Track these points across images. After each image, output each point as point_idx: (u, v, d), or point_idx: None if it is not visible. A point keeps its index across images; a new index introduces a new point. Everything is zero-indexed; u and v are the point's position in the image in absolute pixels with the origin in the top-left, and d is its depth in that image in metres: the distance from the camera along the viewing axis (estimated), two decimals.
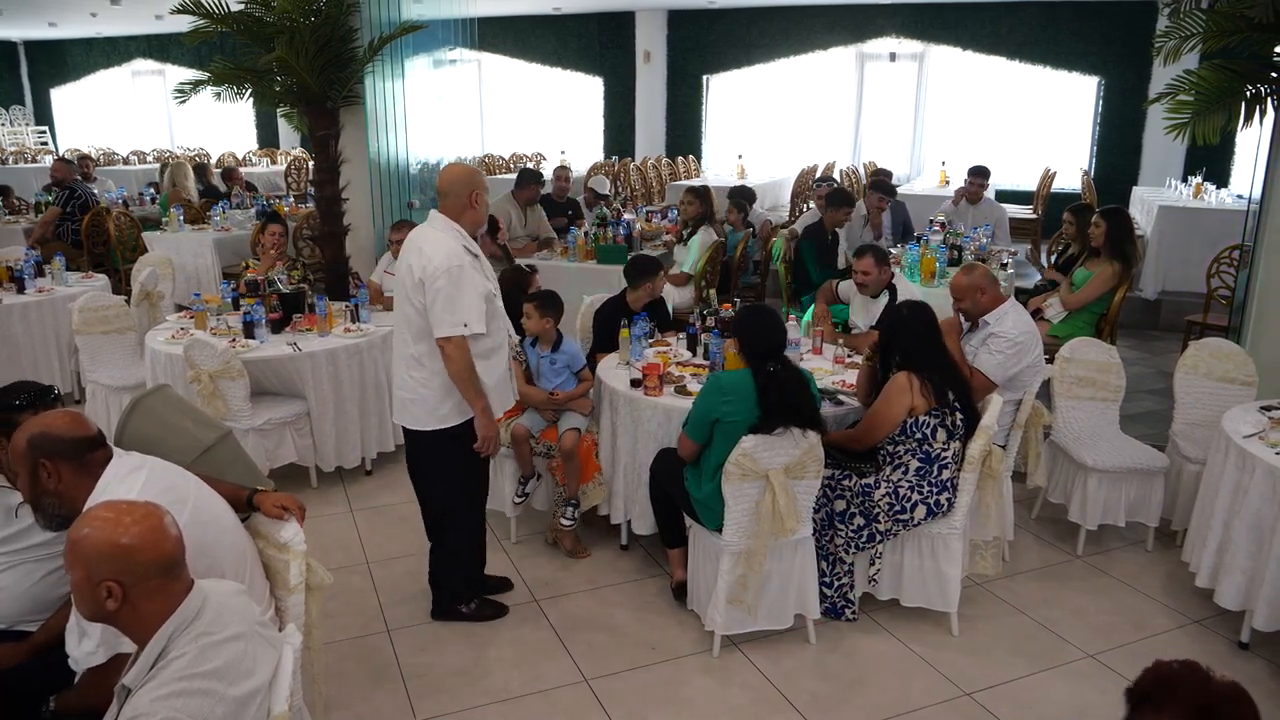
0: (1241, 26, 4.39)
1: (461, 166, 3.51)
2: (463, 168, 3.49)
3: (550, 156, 15.15)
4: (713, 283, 6.66)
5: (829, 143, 14.85)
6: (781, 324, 3.52)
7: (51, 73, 20.10)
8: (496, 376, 3.40)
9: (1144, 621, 3.73)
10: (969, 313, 4.15)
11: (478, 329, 3.23)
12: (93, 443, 2.29)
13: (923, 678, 3.35)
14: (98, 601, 1.76)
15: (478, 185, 3.36)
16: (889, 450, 3.61)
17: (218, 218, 8.51)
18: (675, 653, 3.48)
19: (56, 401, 2.71)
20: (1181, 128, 4.58)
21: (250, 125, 18.85)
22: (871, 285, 4.99)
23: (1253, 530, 3.35)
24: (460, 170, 3.43)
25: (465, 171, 3.42)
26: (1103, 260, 5.51)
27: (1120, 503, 4.21)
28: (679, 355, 4.61)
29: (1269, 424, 3.61)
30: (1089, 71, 12.87)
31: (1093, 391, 4.44)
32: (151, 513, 1.84)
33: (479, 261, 3.32)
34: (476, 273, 3.27)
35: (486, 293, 3.30)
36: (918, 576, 3.63)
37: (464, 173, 3.40)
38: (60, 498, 2.24)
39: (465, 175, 3.38)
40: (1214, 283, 6.56)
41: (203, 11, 5.66)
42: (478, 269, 3.29)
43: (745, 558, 3.33)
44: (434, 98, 7.56)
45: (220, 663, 1.75)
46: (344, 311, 5.21)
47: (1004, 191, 11.51)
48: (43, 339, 5.97)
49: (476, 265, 3.29)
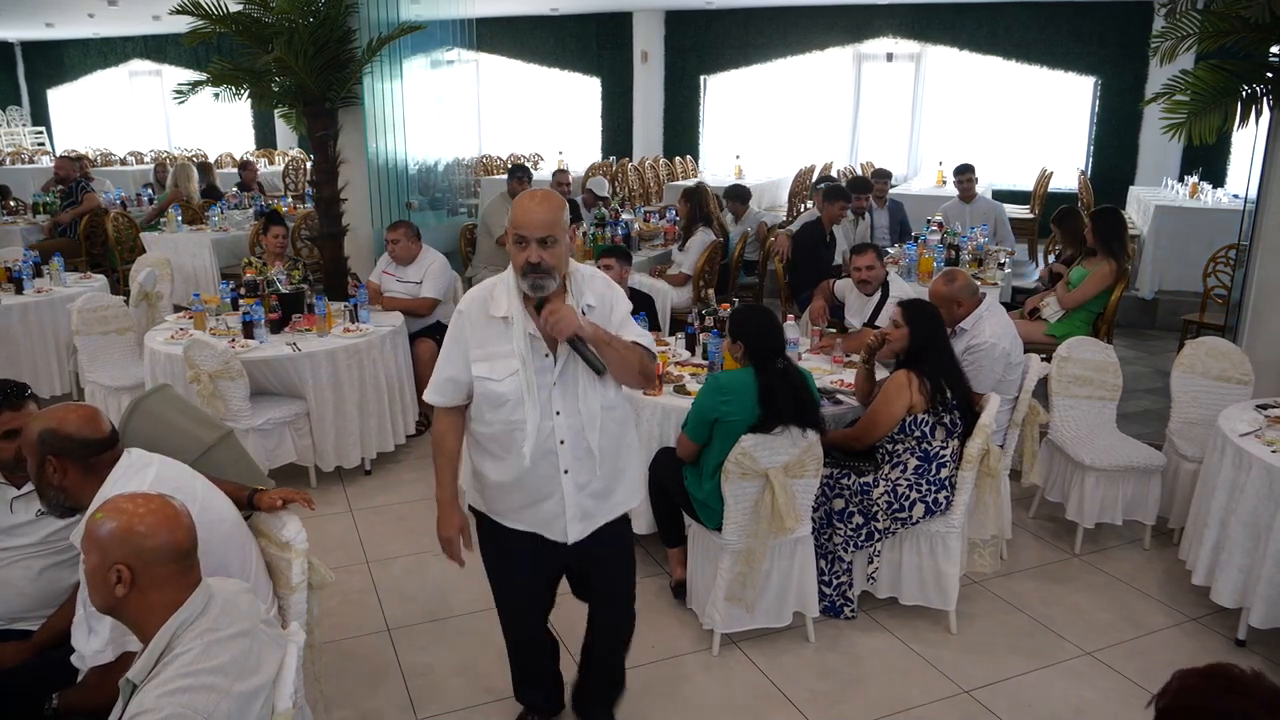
0: (1237, 27, 4.41)
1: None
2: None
3: (548, 157, 15.15)
4: (711, 283, 6.68)
5: (826, 143, 14.86)
6: (780, 323, 3.53)
7: (48, 73, 20.07)
8: (505, 475, 2.53)
9: (1141, 619, 3.74)
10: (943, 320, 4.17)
11: (433, 399, 2.57)
12: (102, 444, 2.30)
13: (921, 675, 3.37)
14: (109, 587, 1.79)
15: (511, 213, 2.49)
16: (887, 449, 3.63)
17: (216, 218, 8.52)
18: (675, 651, 3.49)
19: (30, 399, 2.70)
20: (1178, 127, 4.60)
21: (248, 126, 18.83)
22: (873, 281, 5.01)
23: (1249, 528, 3.37)
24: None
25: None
26: (1098, 259, 5.54)
27: (1117, 501, 4.23)
28: (678, 355, 4.62)
29: (1265, 422, 3.63)
30: (1085, 71, 12.89)
31: (1090, 390, 4.46)
32: (167, 503, 1.89)
33: (506, 325, 2.45)
34: (479, 328, 2.48)
35: (480, 362, 2.47)
36: (916, 575, 3.65)
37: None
38: (65, 492, 2.27)
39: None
40: (1210, 282, 6.58)
41: (201, 12, 5.66)
42: (490, 327, 2.47)
43: (744, 556, 3.34)
44: (432, 98, 7.57)
45: (225, 659, 1.76)
46: (343, 312, 5.22)
47: (1001, 191, 11.54)
48: (41, 339, 5.97)
49: (492, 323, 2.47)
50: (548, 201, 2.40)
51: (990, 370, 4.08)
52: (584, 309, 2.47)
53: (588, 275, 2.57)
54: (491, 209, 7.37)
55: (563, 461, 2.50)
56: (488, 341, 2.47)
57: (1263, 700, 1.38)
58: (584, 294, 2.51)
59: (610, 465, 2.58)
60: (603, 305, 2.54)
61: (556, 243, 2.36)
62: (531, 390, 2.42)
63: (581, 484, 2.53)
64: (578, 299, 2.47)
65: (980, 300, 4.29)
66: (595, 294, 2.53)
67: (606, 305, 2.56)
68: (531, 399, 2.42)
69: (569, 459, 2.50)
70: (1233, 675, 1.42)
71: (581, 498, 2.54)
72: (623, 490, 2.67)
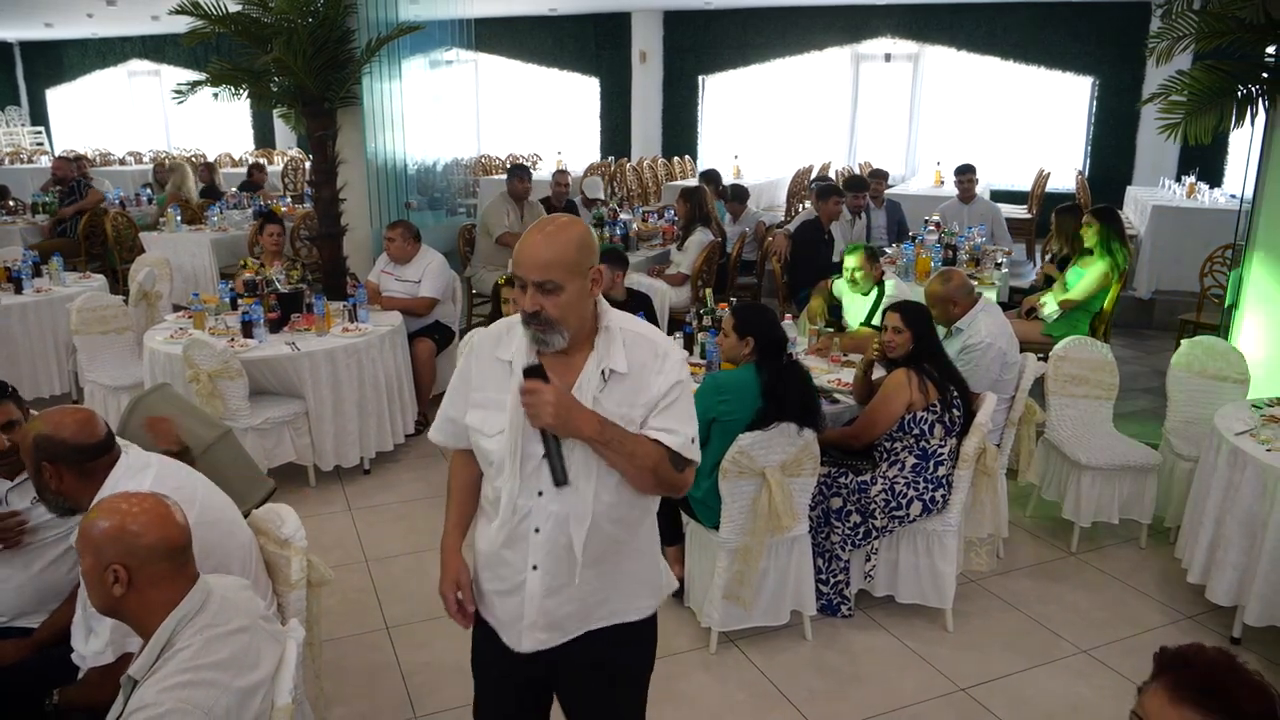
0: (1233, 27, 4.42)
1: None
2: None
3: (547, 157, 15.17)
4: (709, 282, 6.69)
5: (824, 143, 14.88)
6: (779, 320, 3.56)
7: (47, 73, 20.06)
8: (484, 546, 2.05)
9: (1137, 617, 3.76)
10: (938, 320, 4.18)
11: (436, 438, 2.16)
12: (97, 449, 2.30)
13: (918, 673, 3.38)
14: (106, 587, 1.80)
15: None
16: (886, 447, 3.64)
17: (215, 218, 8.53)
18: (673, 649, 3.50)
19: (11, 399, 2.70)
20: (1174, 128, 4.61)
21: (246, 126, 18.83)
22: (862, 282, 5.04)
23: (1244, 527, 3.38)
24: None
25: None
26: (1095, 259, 5.56)
27: (1114, 500, 4.24)
28: None
29: (1261, 421, 3.65)
30: (1083, 72, 12.91)
31: (1086, 390, 4.47)
32: (159, 501, 1.89)
33: (509, 372, 1.95)
34: (485, 367, 2.03)
35: (476, 409, 2.01)
36: (913, 573, 3.66)
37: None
38: (63, 496, 2.28)
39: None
40: (1207, 281, 6.60)
41: (200, 12, 5.67)
42: (495, 370, 2.00)
43: (742, 555, 3.36)
44: (431, 98, 7.58)
45: (225, 655, 1.77)
46: (342, 311, 5.23)
47: (999, 191, 11.55)
48: (41, 339, 5.98)
49: (497, 366, 2.00)
50: (558, 236, 1.87)
51: (986, 370, 4.10)
52: (604, 374, 1.91)
53: (629, 332, 1.97)
54: (490, 209, 7.38)
55: (533, 554, 1.94)
56: (488, 385, 2.00)
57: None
58: (613, 355, 1.92)
59: (602, 572, 1.98)
60: (638, 375, 1.93)
61: (560, 289, 1.83)
62: (515, 457, 1.90)
63: (553, 587, 1.95)
64: (601, 360, 1.92)
65: (976, 300, 4.31)
66: (632, 358, 1.93)
67: (643, 376, 1.93)
68: (513, 468, 1.90)
69: (541, 553, 1.93)
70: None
71: (550, 603, 1.96)
72: (621, 598, 2.04)
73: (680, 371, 1.96)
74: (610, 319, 1.98)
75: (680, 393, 1.96)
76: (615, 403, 1.91)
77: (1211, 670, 1.43)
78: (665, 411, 1.93)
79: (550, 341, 1.88)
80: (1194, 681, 1.41)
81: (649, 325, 2.06)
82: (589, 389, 1.90)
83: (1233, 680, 1.41)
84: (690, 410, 1.98)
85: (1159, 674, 1.46)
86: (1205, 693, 1.40)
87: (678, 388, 1.95)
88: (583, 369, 1.93)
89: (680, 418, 1.95)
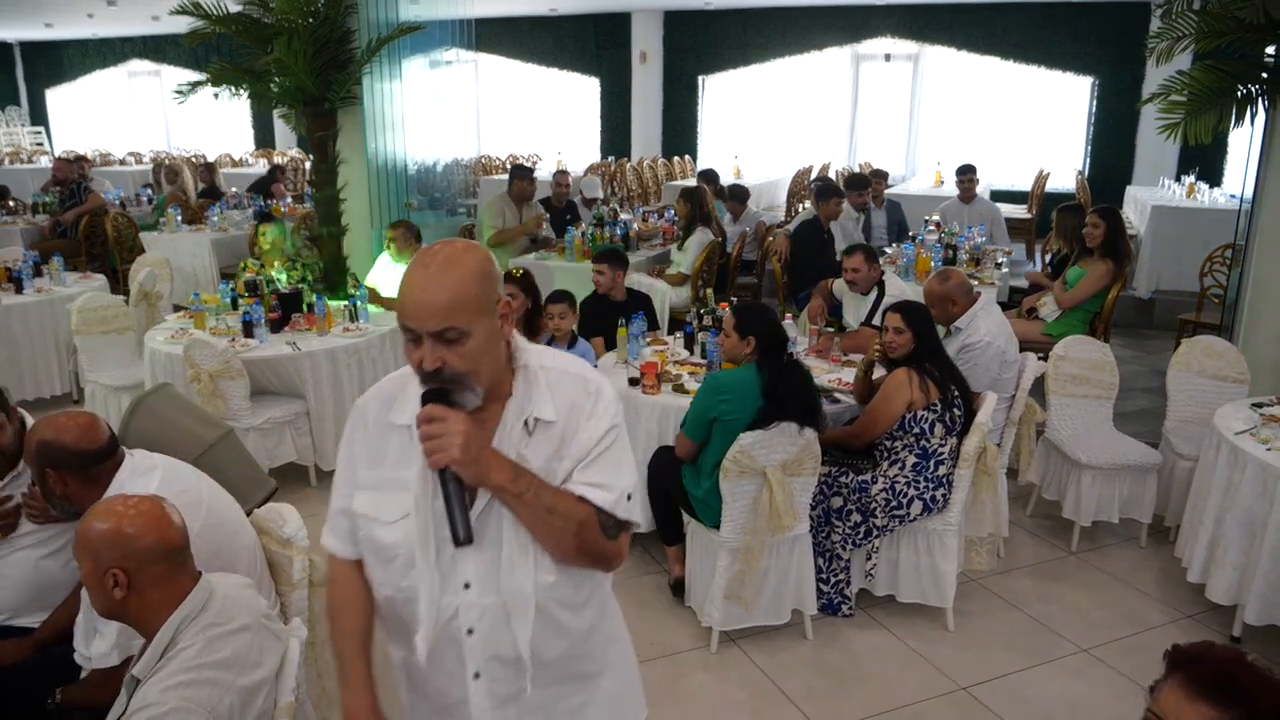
0: (1233, 27, 4.43)
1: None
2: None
3: (546, 157, 15.17)
4: (709, 282, 6.70)
5: (824, 143, 14.88)
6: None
7: (47, 73, 20.06)
8: (411, 659, 1.63)
9: (1137, 616, 3.76)
10: (937, 319, 4.19)
11: (329, 542, 1.71)
12: (99, 455, 2.30)
13: (918, 672, 3.39)
14: (106, 591, 1.80)
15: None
16: (886, 445, 3.65)
17: (215, 218, 8.53)
18: (673, 649, 3.51)
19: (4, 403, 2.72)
20: (1174, 128, 4.62)
21: (247, 126, 18.83)
22: (861, 282, 5.04)
23: (1244, 526, 3.39)
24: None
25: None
26: (1096, 259, 5.56)
27: (1114, 499, 4.25)
28: (676, 354, 4.64)
29: (1260, 421, 3.65)
30: (1083, 72, 12.91)
31: (1086, 389, 4.48)
32: (153, 502, 1.89)
33: (409, 440, 1.56)
34: (375, 437, 1.65)
35: (366, 491, 1.64)
36: (914, 572, 3.67)
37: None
38: (69, 500, 2.28)
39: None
40: (1207, 281, 6.60)
41: (201, 13, 5.68)
42: (389, 439, 1.63)
43: (743, 554, 3.36)
44: (431, 98, 7.58)
45: (228, 653, 1.78)
46: (343, 311, 5.23)
47: (999, 191, 11.56)
48: (41, 339, 5.99)
49: (391, 433, 1.62)
50: (451, 270, 1.49)
51: (986, 369, 4.11)
52: (528, 424, 1.58)
53: (552, 370, 1.63)
54: (486, 209, 7.40)
55: (470, 660, 1.58)
56: (382, 460, 1.62)
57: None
58: (536, 401, 1.59)
59: (563, 675, 1.65)
60: (567, 421, 1.60)
61: (465, 335, 1.47)
62: (427, 545, 1.53)
63: (502, 696, 1.60)
64: (521, 408, 1.58)
65: (975, 299, 4.31)
66: (560, 401, 1.60)
67: (571, 423, 1.60)
68: (426, 559, 1.53)
69: (480, 657, 1.57)
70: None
71: (505, 714, 1.61)
72: (599, 710, 1.71)
73: (614, 414, 1.62)
74: (527, 356, 1.63)
75: (614, 439, 1.60)
76: (544, 458, 1.57)
77: (1226, 666, 1.44)
78: (595, 462, 1.58)
79: (461, 402, 1.50)
80: (1209, 678, 1.43)
81: (572, 358, 1.72)
82: (511, 444, 1.56)
83: (1247, 676, 1.43)
84: (626, 461, 1.62)
85: (1172, 672, 1.48)
86: (1221, 688, 1.41)
87: (612, 433, 1.60)
88: (499, 421, 1.57)
89: (613, 470, 1.59)
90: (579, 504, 1.55)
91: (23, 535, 2.59)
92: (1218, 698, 1.41)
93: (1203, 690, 1.42)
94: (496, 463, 1.50)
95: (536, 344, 1.72)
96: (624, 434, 1.65)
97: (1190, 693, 1.43)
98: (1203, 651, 1.48)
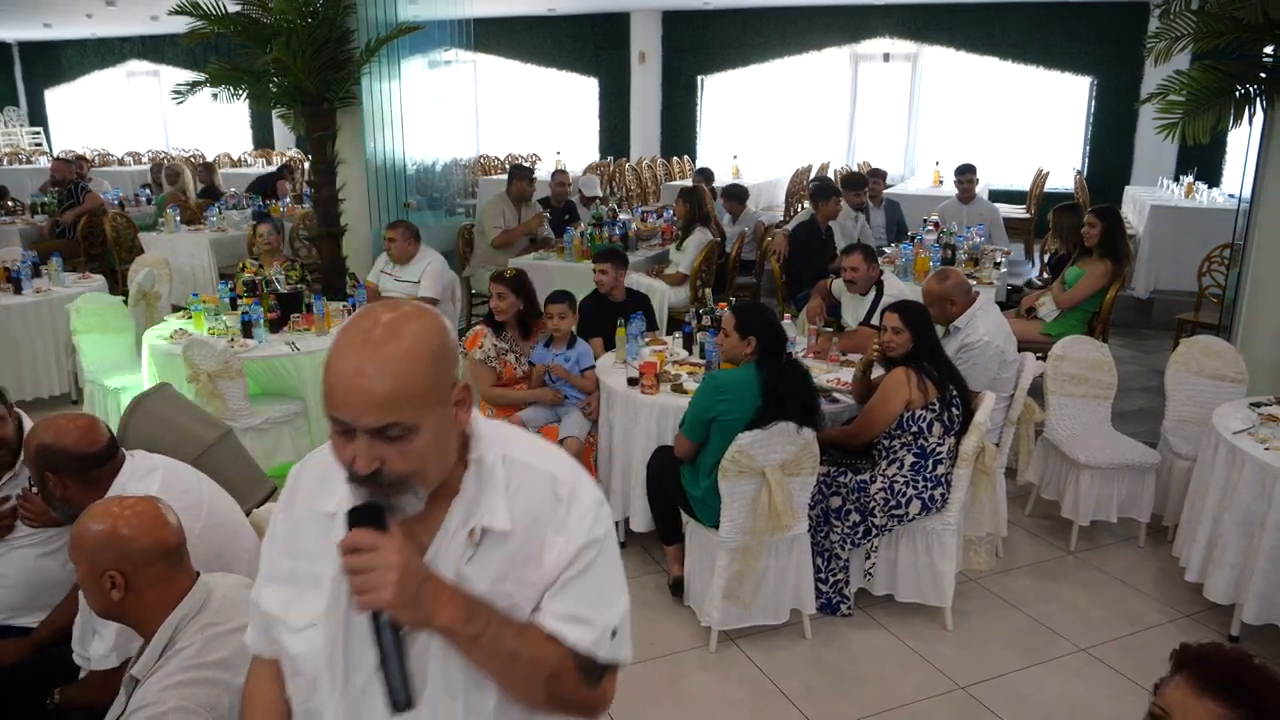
0: (1231, 27, 4.43)
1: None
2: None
3: (546, 157, 15.17)
4: (708, 282, 6.70)
5: (823, 143, 14.88)
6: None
7: (46, 74, 20.04)
8: None
9: (1136, 616, 3.77)
10: (936, 319, 4.19)
11: (251, 639, 1.46)
12: (99, 458, 2.30)
13: (917, 671, 3.39)
14: (103, 593, 1.80)
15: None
16: (884, 445, 3.65)
17: (214, 218, 8.53)
18: (673, 648, 3.51)
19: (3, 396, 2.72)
20: (1172, 128, 4.62)
21: (245, 126, 18.82)
22: (860, 282, 5.04)
23: (1242, 525, 3.39)
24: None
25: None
26: (1095, 259, 5.57)
27: (1112, 499, 4.25)
28: (675, 354, 4.64)
29: (1259, 420, 3.66)
30: (1081, 72, 12.91)
31: (1085, 389, 4.48)
32: (149, 503, 1.89)
33: (330, 528, 1.28)
34: (300, 518, 1.37)
35: (277, 585, 1.36)
36: (912, 572, 3.67)
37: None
38: (69, 503, 2.28)
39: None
40: (1205, 281, 6.61)
41: (200, 13, 5.68)
42: (311, 525, 1.34)
43: (742, 554, 3.36)
44: (430, 98, 7.59)
45: (227, 653, 1.78)
46: (341, 311, 5.23)
47: (997, 191, 11.55)
48: (40, 339, 5.98)
49: (314, 520, 1.33)
50: (397, 348, 1.17)
51: (985, 368, 4.11)
52: (474, 534, 1.26)
53: (517, 463, 1.31)
54: (486, 209, 7.39)
55: None
56: (300, 550, 1.33)
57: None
58: (488, 504, 1.27)
59: None
60: (528, 534, 1.27)
61: (412, 431, 1.17)
62: (334, 666, 1.26)
63: None
64: (469, 512, 1.26)
65: (974, 299, 4.32)
66: (520, 506, 1.27)
67: (534, 537, 1.27)
68: (333, 684, 1.26)
69: None
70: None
71: None
72: None
73: (591, 526, 1.28)
74: (483, 445, 1.29)
75: (594, 558, 1.27)
76: (491, 578, 1.25)
77: (1232, 666, 1.46)
78: (568, 589, 1.26)
79: (397, 507, 1.20)
80: (1216, 677, 1.44)
81: (548, 449, 1.37)
82: (449, 559, 1.25)
83: (1253, 677, 1.45)
84: (610, 587, 1.30)
85: (1179, 670, 1.49)
86: (1229, 687, 1.43)
87: (589, 551, 1.27)
88: (439, 526, 1.26)
89: (593, 599, 1.27)
90: (550, 645, 1.24)
91: (21, 535, 2.60)
92: (1225, 695, 1.42)
93: (1210, 687, 1.43)
94: (444, 599, 1.17)
95: (503, 426, 1.37)
96: (609, 550, 1.30)
97: (1197, 689, 1.44)
98: (1210, 651, 1.50)
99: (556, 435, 4.16)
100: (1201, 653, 1.49)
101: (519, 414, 4.20)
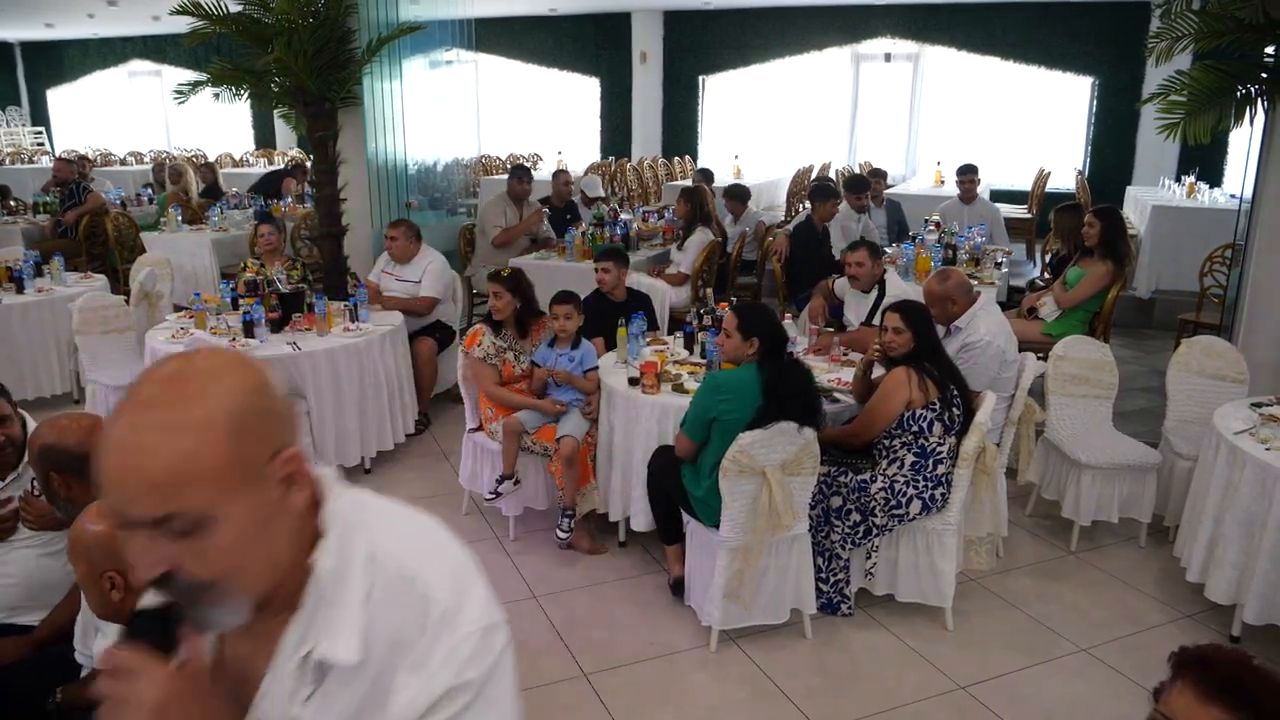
0: (1232, 27, 4.43)
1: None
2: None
3: (547, 157, 15.18)
4: (709, 282, 6.70)
5: (825, 143, 14.88)
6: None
7: (48, 73, 20.07)
8: None
9: (1137, 616, 3.77)
10: (937, 319, 4.19)
11: None
12: None
13: (917, 671, 3.39)
14: (103, 594, 1.79)
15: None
16: (885, 444, 3.65)
17: (216, 218, 8.54)
18: (673, 648, 3.51)
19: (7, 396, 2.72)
20: (1173, 128, 4.62)
21: (247, 126, 18.84)
22: (863, 278, 5.03)
23: (1243, 526, 3.39)
24: None
25: None
26: (1096, 259, 5.57)
27: (1113, 499, 4.25)
28: (676, 354, 4.65)
29: (1260, 420, 3.66)
30: (1083, 72, 12.91)
31: (1086, 389, 4.48)
32: None
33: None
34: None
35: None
36: (913, 572, 3.67)
37: None
38: (73, 504, 2.27)
39: None
40: (1206, 281, 6.61)
41: (201, 13, 5.68)
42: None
43: (742, 553, 3.36)
44: (431, 98, 7.60)
45: None
46: (343, 311, 5.23)
47: (999, 191, 11.56)
48: (42, 339, 5.99)
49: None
50: (180, 413, 0.92)
51: (985, 368, 4.11)
52: (310, 666, 0.98)
53: (387, 572, 1.02)
54: (487, 209, 7.40)
55: None
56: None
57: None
58: (334, 623, 0.98)
59: None
60: (380, 666, 0.97)
61: (208, 524, 0.91)
62: None
63: None
64: (305, 635, 0.98)
65: (975, 298, 4.32)
66: (378, 630, 0.98)
67: (388, 669, 0.97)
68: None
69: None
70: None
71: None
72: None
73: (468, 663, 0.97)
74: (337, 537, 1.02)
75: (462, 709, 0.97)
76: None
77: (1234, 669, 1.46)
78: (464, 714, 0.97)
79: (211, 621, 0.95)
80: (1219, 680, 1.44)
81: (432, 544, 1.09)
82: (279, 697, 0.97)
83: (1252, 678, 1.45)
84: None
85: (1180, 674, 1.49)
86: (1231, 691, 1.43)
87: (458, 697, 0.96)
88: (276, 651, 0.98)
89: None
90: None
91: (23, 536, 2.60)
92: (1230, 700, 1.42)
93: (1215, 693, 1.43)
94: None
95: (374, 502, 1.12)
96: (491, 698, 0.98)
97: (1202, 695, 1.44)
98: (1210, 654, 1.49)
99: (553, 435, 4.17)
100: (1202, 656, 1.49)
101: (517, 414, 4.20)
